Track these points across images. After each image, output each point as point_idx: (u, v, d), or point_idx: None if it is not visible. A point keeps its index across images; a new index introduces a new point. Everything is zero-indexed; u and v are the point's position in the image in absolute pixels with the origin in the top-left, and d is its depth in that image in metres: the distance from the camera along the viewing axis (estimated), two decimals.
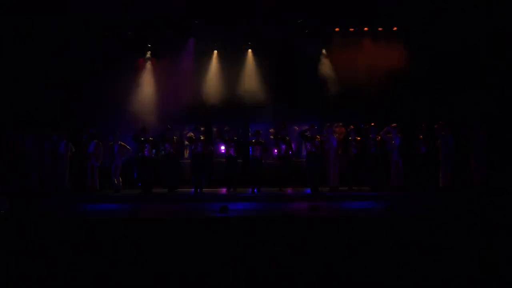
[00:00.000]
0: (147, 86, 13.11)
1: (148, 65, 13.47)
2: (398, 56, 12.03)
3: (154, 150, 11.29)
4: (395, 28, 12.78)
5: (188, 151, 12.69)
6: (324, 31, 12.97)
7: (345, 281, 4.41)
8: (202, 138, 10.93)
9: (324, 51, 13.43)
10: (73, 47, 12.10)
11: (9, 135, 10.82)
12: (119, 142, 11.08)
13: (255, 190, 10.72)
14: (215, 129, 12.68)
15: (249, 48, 13.57)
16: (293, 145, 11.56)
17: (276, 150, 11.97)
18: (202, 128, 11.50)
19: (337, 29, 12.93)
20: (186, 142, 12.38)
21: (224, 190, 11.15)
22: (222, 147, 11.96)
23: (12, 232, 6.82)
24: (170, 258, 5.37)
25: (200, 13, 12.05)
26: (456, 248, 5.53)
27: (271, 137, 12.74)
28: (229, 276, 4.67)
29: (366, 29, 12.93)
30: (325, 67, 13.23)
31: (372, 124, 11.31)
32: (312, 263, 5.05)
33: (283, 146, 11.05)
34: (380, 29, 12.89)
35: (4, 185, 10.37)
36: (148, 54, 13.54)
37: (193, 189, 10.84)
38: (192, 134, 11.20)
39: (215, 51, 13.67)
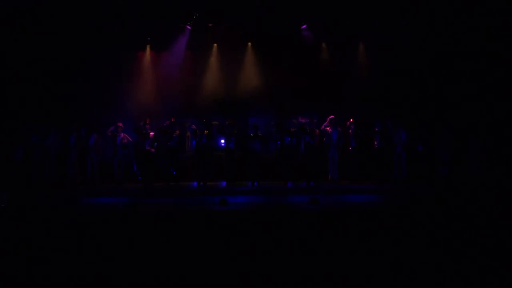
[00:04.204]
0: (146, 79, 13.10)
1: (148, 59, 13.45)
2: (401, 51, 12.02)
3: (156, 144, 11.30)
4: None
5: (189, 145, 12.69)
6: (324, 25, 12.92)
7: (345, 277, 4.45)
8: (205, 131, 10.95)
9: (324, 45, 13.41)
10: (72, 42, 12.09)
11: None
12: (122, 133, 11.07)
13: (255, 183, 10.75)
14: (215, 123, 12.66)
15: (249, 41, 13.53)
16: (294, 139, 11.50)
17: (275, 143, 11.92)
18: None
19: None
20: (188, 134, 12.37)
21: (223, 183, 11.18)
22: (222, 141, 11.96)
23: (11, 226, 6.85)
24: (169, 251, 5.40)
25: (200, 6, 12.02)
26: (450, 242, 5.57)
27: (274, 129, 12.69)
28: (227, 269, 4.70)
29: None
30: (325, 61, 13.21)
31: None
32: (311, 256, 5.08)
33: (288, 139, 10.96)
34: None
35: (4, 179, 10.40)
36: (148, 48, 13.52)
37: (195, 183, 10.88)
38: (195, 126, 11.19)
39: (215, 45, 13.64)
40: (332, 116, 11.15)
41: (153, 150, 11.17)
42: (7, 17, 11.29)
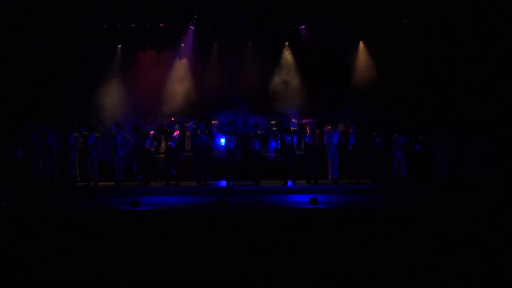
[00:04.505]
0: (146, 79, 13.11)
1: (148, 58, 13.47)
2: (400, 51, 12.01)
3: (156, 143, 11.29)
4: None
5: (189, 144, 12.67)
6: (324, 25, 12.92)
7: (345, 277, 4.45)
8: (205, 131, 10.95)
9: (324, 45, 13.41)
10: (72, 42, 12.11)
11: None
12: (123, 133, 11.07)
13: (255, 183, 10.74)
14: (215, 122, 12.67)
15: (249, 41, 13.54)
16: (294, 138, 11.50)
17: (275, 142, 11.93)
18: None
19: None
20: (188, 134, 12.35)
21: (224, 183, 11.18)
22: (222, 141, 11.96)
23: (11, 226, 6.85)
24: (169, 251, 5.40)
25: (200, 6, 12.03)
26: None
27: (274, 129, 12.71)
28: (227, 269, 4.70)
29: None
30: (325, 60, 13.22)
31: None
32: (311, 256, 5.09)
33: (289, 138, 10.96)
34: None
35: (5, 178, 10.40)
36: (148, 48, 13.54)
37: (195, 182, 10.89)
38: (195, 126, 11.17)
39: (215, 44, 13.64)
40: (327, 123, 11.23)
41: (153, 149, 11.17)
42: (7, 17, 11.29)
